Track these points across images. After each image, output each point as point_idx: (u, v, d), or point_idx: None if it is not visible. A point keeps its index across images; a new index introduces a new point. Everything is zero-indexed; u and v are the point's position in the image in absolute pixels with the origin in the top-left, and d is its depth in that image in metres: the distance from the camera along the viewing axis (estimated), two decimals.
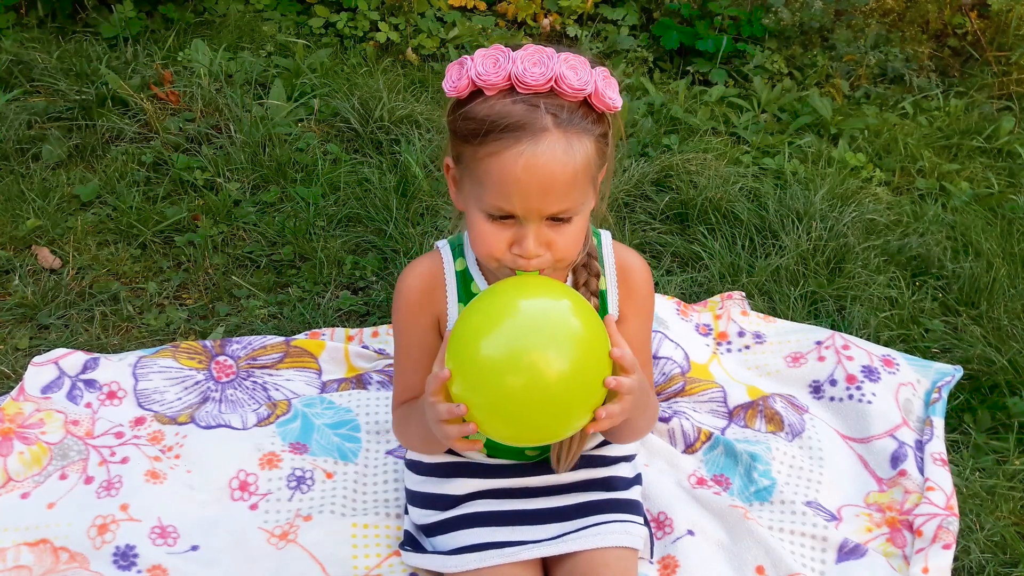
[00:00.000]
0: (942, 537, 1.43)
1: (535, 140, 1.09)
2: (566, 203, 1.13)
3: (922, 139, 2.81)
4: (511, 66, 1.10)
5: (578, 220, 1.17)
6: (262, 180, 2.36)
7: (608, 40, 3.24)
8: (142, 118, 2.54)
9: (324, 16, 3.16)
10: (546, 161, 1.10)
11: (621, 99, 1.16)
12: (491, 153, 1.11)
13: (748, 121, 2.87)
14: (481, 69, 1.11)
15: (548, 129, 1.10)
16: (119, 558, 1.35)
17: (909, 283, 2.13)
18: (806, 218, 2.27)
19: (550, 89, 1.11)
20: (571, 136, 1.11)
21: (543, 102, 1.10)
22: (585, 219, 1.20)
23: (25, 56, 2.73)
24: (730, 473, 1.57)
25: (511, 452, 1.37)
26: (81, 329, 1.87)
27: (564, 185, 1.11)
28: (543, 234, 1.14)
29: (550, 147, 1.10)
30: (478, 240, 1.17)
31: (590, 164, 1.14)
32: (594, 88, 1.12)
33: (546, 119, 1.10)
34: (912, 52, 3.25)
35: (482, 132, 1.11)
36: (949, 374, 1.80)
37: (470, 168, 1.15)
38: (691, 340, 1.85)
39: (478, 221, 1.16)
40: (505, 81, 1.11)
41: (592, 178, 1.17)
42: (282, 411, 1.62)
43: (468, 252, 1.30)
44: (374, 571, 1.35)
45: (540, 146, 1.10)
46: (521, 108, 1.10)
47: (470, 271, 1.29)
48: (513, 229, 1.15)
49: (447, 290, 1.29)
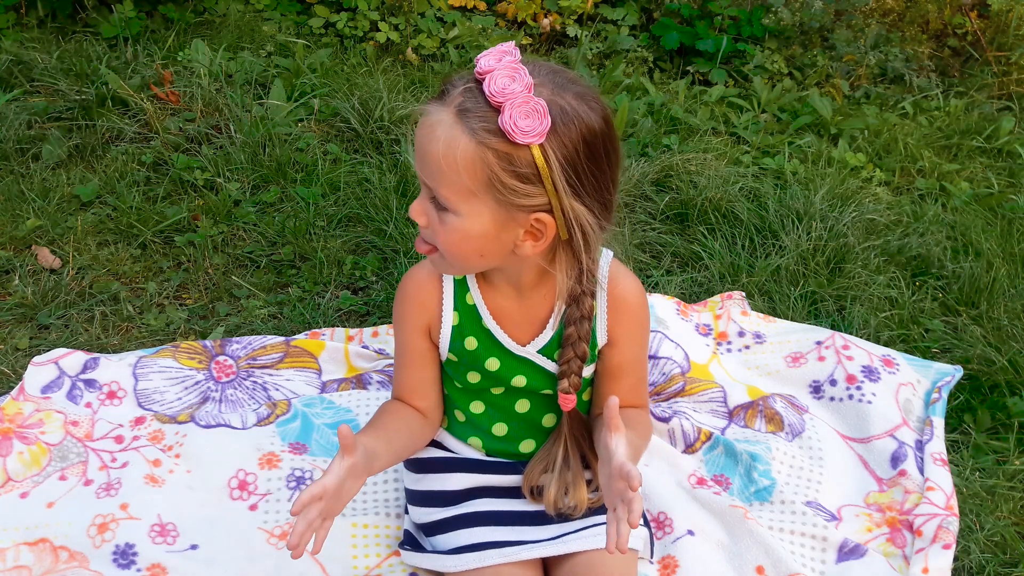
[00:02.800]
0: (942, 537, 1.43)
1: (438, 106, 1.12)
2: (433, 182, 1.13)
3: (922, 139, 2.81)
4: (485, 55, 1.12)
5: (455, 221, 1.13)
6: (262, 180, 2.36)
7: (608, 40, 3.24)
8: (142, 118, 2.54)
9: (324, 16, 3.16)
10: (429, 126, 1.11)
11: (536, 138, 1.08)
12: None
13: (748, 121, 2.87)
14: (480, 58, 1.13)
15: (451, 105, 1.10)
16: (119, 557, 1.35)
17: (909, 283, 2.13)
18: (806, 218, 2.27)
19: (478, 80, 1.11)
20: (460, 123, 1.09)
21: (472, 86, 1.11)
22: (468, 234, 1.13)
23: (25, 56, 2.73)
24: (730, 473, 1.57)
25: (507, 450, 1.37)
26: (81, 329, 1.87)
27: (430, 161, 1.11)
28: (427, 207, 1.15)
29: (436, 119, 1.11)
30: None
31: (459, 168, 1.09)
32: (507, 110, 1.07)
33: (459, 97, 1.11)
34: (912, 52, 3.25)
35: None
36: (949, 374, 1.80)
37: None
38: (691, 340, 1.85)
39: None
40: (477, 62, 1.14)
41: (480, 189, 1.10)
42: (282, 411, 1.62)
43: None
44: (374, 571, 1.35)
45: (434, 112, 1.12)
46: (459, 81, 1.12)
47: (467, 280, 1.29)
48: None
49: (443, 297, 1.29)
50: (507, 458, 1.38)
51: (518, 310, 1.29)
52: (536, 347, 1.29)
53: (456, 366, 1.32)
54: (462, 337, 1.30)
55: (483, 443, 1.38)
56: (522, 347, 1.29)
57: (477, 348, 1.29)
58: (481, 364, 1.30)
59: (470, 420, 1.37)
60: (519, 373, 1.30)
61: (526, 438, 1.36)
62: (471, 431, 1.38)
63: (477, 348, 1.29)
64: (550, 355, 1.29)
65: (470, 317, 1.29)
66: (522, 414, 1.34)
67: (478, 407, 1.35)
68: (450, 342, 1.30)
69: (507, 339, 1.29)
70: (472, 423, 1.37)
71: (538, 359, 1.29)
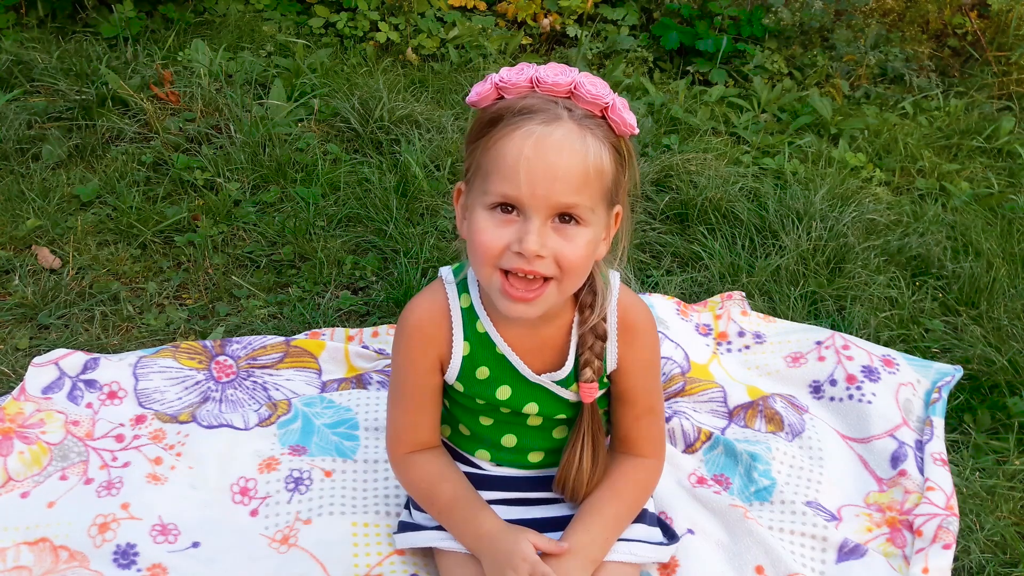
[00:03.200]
0: (942, 537, 1.43)
1: (548, 122, 1.08)
2: (575, 196, 1.08)
3: (922, 139, 2.82)
4: (532, 72, 1.11)
5: (587, 233, 1.11)
6: (262, 180, 2.36)
7: (608, 40, 3.24)
8: (142, 118, 2.54)
9: (324, 16, 3.17)
10: (556, 142, 1.07)
11: (637, 128, 1.14)
12: (502, 136, 1.08)
13: (748, 121, 2.87)
14: (505, 75, 1.12)
15: (562, 118, 1.09)
16: (119, 557, 1.34)
17: (909, 283, 2.13)
18: (806, 218, 2.27)
19: (569, 94, 1.10)
20: (585, 131, 1.09)
21: (560, 100, 1.10)
22: (594, 243, 1.13)
23: (25, 56, 2.73)
24: (730, 473, 1.57)
25: (516, 461, 1.36)
26: (81, 329, 1.87)
27: (574, 175, 1.07)
28: (547, 234, 1.09)
29: (563, 132, 1.08)
30: (478, 241, 1.11)
31: (603, 171, 1.10)
32: (612, 102, 1.11)
33: (561, 110, 1.09)
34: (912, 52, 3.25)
35: (497, 120, 1.10)
36: (949, 374, 1.80)
37: (480, 165, 1.12)
38: (691, 340, 1.85)
39: (479, 220, 1.11)
40: (527, 83, 1.11)
41: (605, 194, 1.12)
42: (283, 411, 1.62)
43: (473, 288, 1.26)
44: (375, 569, 1.35)
45: (552, 127, 1.08)
46: (538, 99, 1.10)
47: (475, 308, 1.26)
48: (515, 226, 1.09)
49: (452, 329, 1.25)
50: (515, 467, 1.37)
51: (533, 339, 1.26)
52: (552, 379, 1.27)
53: (462, 394, 1.30)
54: (473, 367, 1.26)
55: (491, 456, 1.36)
56: (537, 375, 1.26)
57: (488, 377, 1.27)
58: (492, 393, 1.27)
59: (476, 434, 1.35)
60: (531, 400, 1.28)
61: (535, 449, 1.35)
62: (478, 444, 1.36)
63: (488, 377, 1.27)
64: (566, 386, 1.27)
65: (482, 345, 1.26)
66: (533, 427, 1.33)
67: (486, 420, 1.33)
68: (459, 371, 1.27)
69: (523, 366, 1.25)
70: (479, 437, 1.35)
71: (553, 387, 1.27)
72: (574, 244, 1.10)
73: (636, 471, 1.32)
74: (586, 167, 1.08)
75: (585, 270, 1.15)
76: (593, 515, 1.26)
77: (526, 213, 1.09)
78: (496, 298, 1.15)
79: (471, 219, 1.14)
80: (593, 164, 1.09)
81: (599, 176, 1.10)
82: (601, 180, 1.11)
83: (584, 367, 1.24)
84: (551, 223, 1.10)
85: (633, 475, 1.32)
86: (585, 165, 1.08)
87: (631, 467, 1.32)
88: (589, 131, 1.09)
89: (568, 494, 1.32)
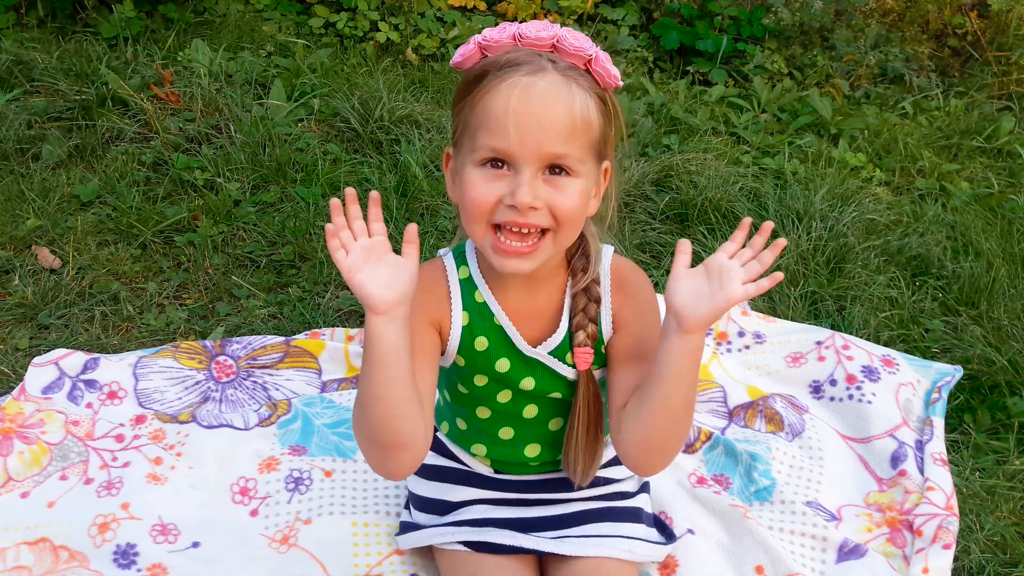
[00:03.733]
0: (942, 537, 1.43)
1: (533, 72, 1.08)
2: (564, 146, 1.08)
3: (922, 139, 2.82)
4: (515, 29, 1.12)
5: (578, 184, 1.11)
6: (262, 180, 2.36)
7: (608, 40, 3.24)
8: (142, 118, 2.54)
9: (324, 16, 3.17)
10: (543, 92, 1.07)
11: (620, 81, 1.14)
12: (488, 90, 1.08)
13: (748, 121, 2.87)
14: (487, 34, 1.12)
15: (547, 69, 1.09)
16: (119, 556, 1.34)
17: (909, 283, 2.13)
18: (806, 218, 2.27)
19: (552, 47, 1.11)
20: (571, 81, 1.09)
21: (545, 53, 1.11)
22: (586, 194, 1.13)
23: (25, 56, 2.73)
24: (730, 473, 1.57)
25: (516, 467, 1.36)
26: (81, 329, 1.87)
27: (562, 124, 1.07)
28: (539, 186, 1.09)
29: (548, 82, 1.08)
30: (469, 198, 1.10)
31: (590, 122, 1.10)
32: (595, 55, 1.11)
33: (546, 62, 1.09)
34: (912, 52, 3.25)
35: (482, 76, 1.10)
36: (949, 374, 1.80)
37: (467, 123, 1.11)
38: None
39: (470, 176, 1.10)
40: (510, 39, 1.11)
41: (594, 145, 1.12)
42: (283, 411, 1.62)
43: (471, 259, 1.27)
44: (375, 569, 1.35)
45: (537, 77, 1.08)
46: (522, 53, 1.10)
47: (474, 279, 1.26)
48: (507, 180, 1.09)
49: (451, 297, 1.25)
50: (512, 461, 1.37)
51: (529, 306, 1.25)
52: (547, 348, 1.27)
53: (462, 370, 1.29)
54: (472, 337, 1.26)
55: (487, 450, 1.36)
56: (532, 348, 1.26)
57: (488, 348, 1.26)
58: (491, 365, 1.27)
59: (474, 426, 1.35)
60: (528, 375, 1.28)
61: (532, 442, 1.35)
62: (475, 438, 1.36)
63: (488, 348, 1.26)
64: (561, 357, 1.27)
65: (481, 315, 1.26)
66: (529, 419, 1.32)
67: (484, 412, 1.33)
68: (459, 343, 1.26)
69: (519, 338, 1.26)
70: (476, 429, 1.35)
71: (548, 360, 1.27)
72: (566, 194, 1.10)
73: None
74: (573, 116, 1.08)
75: (579, 221, 1.15)
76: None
77: (516, 166, 1.08)
78: (490, 256, 1.14)
79: (461, 178, 1.13)
80: (580, 114, 1.09)
81: (586, 127, 1.10)
82: (588, 131, 1.11)
83: (577, 330, 1.23)
84: (542, 175, 1.10)
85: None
86: (572, 114, 1.08)
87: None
88: (574, 81, 1.09)
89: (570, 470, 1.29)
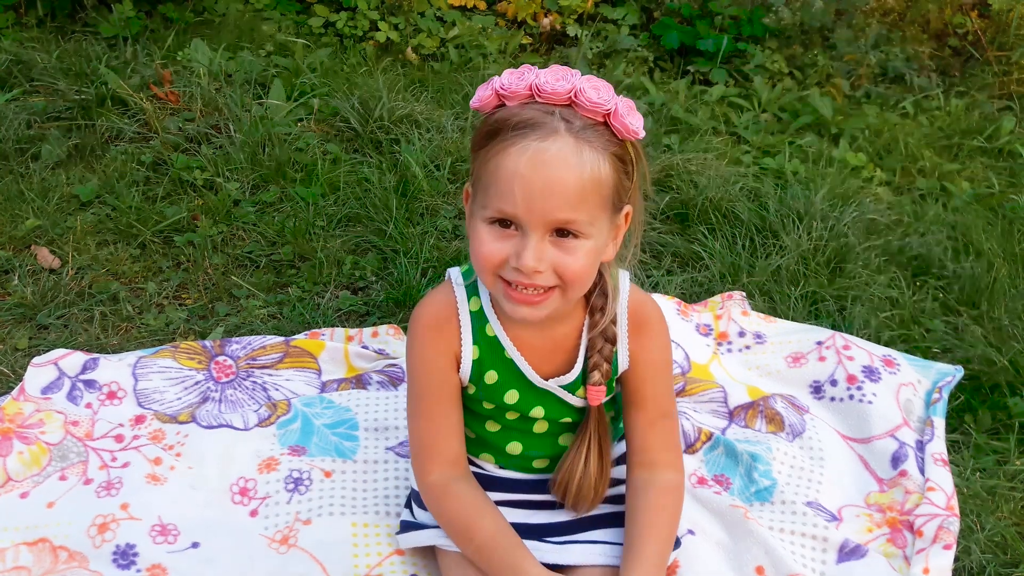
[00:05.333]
0: (943, 537, 1.43)
1: (543, 138, 1.07)
2: (572, 212, 1.07)
3: (923, 139, 2.81)
4: (533, 78, 1.10)
5: (587, 245, 1.10)
6: (262, 180, 2.35)
7: (608, 40, 3.24)
8: (141, 118, 2.54)
9: (324, 15, 3.16)
10: (551, 158, 1.06)
11: (643, 131, 1.12)
12: (499, 151, 1.08)
13: (748, 121, 2.87)
14: (505, 81, 1.11)
15: (559, 132, 1.07)
16: (119, 557, 1.34)
17: (910, 283, 2.13)
18: (807, 218, 2.27)
19: (569, 102, 1.09)
20: (582, 144, 1.08)
21: (559, 110, 1.09)
22: (596, 252, 1.13)
23: (24, 56, 2.73)
24: (731, 473, 1.57)
25: (519, 465, 1.36)
26: (80, 329, 1.86)
27: (570, 191, 1.06)
28: (545, 249, 1.09)
29: (558, 148, 1.07)
30: (477, 253, 1.12)
31: (602, 183, 1.09)
32: (614, 108, 1.09)
33: (558, 123, 1.08)
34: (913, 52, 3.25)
35: (495, 133, 1.09)
36: (950, 374, 1.80)
37: (480, 178, 1.11)
38: (691, 340, 1.85)
39: (479, 232, 1.11)
40: (527, 91, 1.10)
41: (606, 203, 1.11)
42: (283, 411, 1.62)
43: (483, 291, 1.26)
44: (375, 570, 1.35)
45: (548, 143, 1.07)
46: (536, 112, 1.09)
47: (485, 312, 1.25)
48: (514, 240, 1.09)
49: (461, 331, 1.24)
50: (519, 472, 1.36)
51: (543, 341, 1.25)
52: (559, 383, 1.26)
53: (472, 396, 1.29)
54: (482, 371, 1.25)
55: (495, 460, 1.36)
56: (544, 380, 1.25)
57: (497, 382, 1.26)
58: (500, 397, 1.27)
59: (482, 438, 1.34)
60: (537, 405, 1.27)
61: (541, 456, 1.34)
62: (483, 448, 1.36)
63: (497, 382, 1.26)
64: (572, 390, 1.26)
65: (491, 349, 1.25)
66: (538, 434, 1.32)
67: (492, 426, 1.33)
68: (470, 375, 1.26)
69: (531, 371, 1.25)
70: (484, 441, 1.34)
71: (559, 392, 1.26)
72: (574, 257, 1.10)
73: (663, 497, 1.27)
74: (582, 182, 1.07)
75: (588, 278, 1.15)
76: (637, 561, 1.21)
77: (523, 229, 1.09)
78: (501, 301, 1.16)
79: (472, 229, 1.14)
80: (590, 178, 1.08)
81: (596, 188, 1.09)
82: (599, 192, 1.10)
83: (592, 370, 1.24)
84: (549, 237, 1.09)
85: (661, 502, 1.27)
86: (581, 180, 1.07)
87: (656, 494, 1.27)
88: (587, 143, 1.08)
89: (569, 499, 1.29)
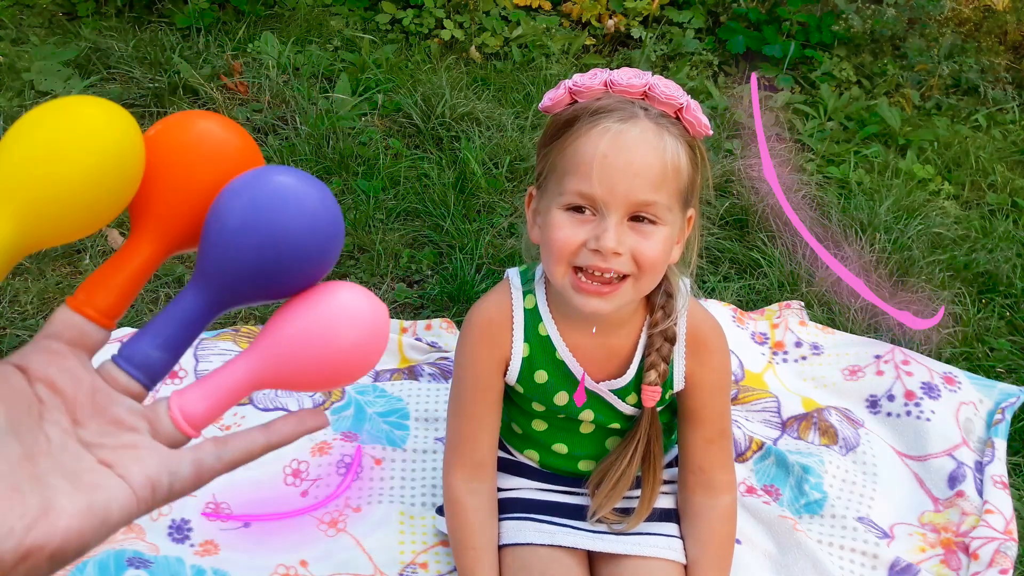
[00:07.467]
0: (999, 562, 1.39)
1: (624, 120, 1.06)
2: (653, 194, 1.06)
3: (995, 153, 2.73)
4: (607, 75, 1.11)
5: (664, 231, 1.09)
6: (325, 172, 2.40)
7: (673, 43, 3.21)
8: (211, 107, 2.61)
9: (391, 13, 3.20)
10: (634, 139, 1.05)
11: (710, 129, 1.12)
12: (578, 136, 1.07)
13: (814, 128, 2.82)
14: (578, 80, 1.12)
15: (639, 116, 1.07)
16: (174, 531, 1.38)
17: (975, 300, 2.07)
18: (870, 229, 2.22)
19: (643, 95, 1.10)
20: (663, 129, 1.08)
21: (636, 100, 1.10)
22: (671, 241, 1.12)
23: (103, 44, 2.83)
24: (780, 484, 1.55)
25: (565, 467, 1.36)
26: (146, 309, 1.92)
27: (653, 171, 1.05)
28: (625, 233, 1.07)
29: (640, 130, 1.06)
30: (552, 239, 1.09)
31: (680, 170, 1.08)
32: (687, 103, 1.10)
33: (638, 110, 1.08)
34: (988, 63, 3.15)
35: (572, 121, 1.09)
36: (1014, 395, 1.74)
37: (555, 166, 1.11)
38: (746, 348, 1.83)
39: (555, 218, 1.09)
40: (601, 85, 1.10)
41: (680, 194, 1.10)
42: (337, 398, 1.65)
43: (539, 291, 1.25)
44: (419, 557, 1.36)
45: (628, 124, 1.06)
46: (613, 100, 1.09)
47: (539, 310, 1.24)
48: (592, 224, 1.07)
49: (513, 329, 1.24)
50: (564, 474, 1.36)
51: (596, 347, 1.24)
52: (610, 386, 1.25)
53: (521, 395, 1.29)
54: (532, 370, 1.25)
55: (540, 457, 1.36)
56: (595, 383, 1.25)
57: (547, 382, 1.25)
58: (549, 398, 1.26)
59: (528, 434, 1.34)
60: (587, 408, 1.27)
61: (586, 458, 1.34)
62: (529, 445, 1.36)
63: (547, 382, 1.25)
64: (623, 396, 1.26)
65: (542, 349, 1.24)
66: (586, 435, 1.32)
67: (540, 425, 1.33)
68: (519, 373, 1.25)
69: (581, 372, 1.24)
70: (530, 438, 1.35)
71: (608, 396, 1.26)
72: (651, 241, 1.08)
73: (725, 524, 1.28)
74: (664, 164, 1.06)
75: (661, 268, 1.13)
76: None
77: (603, 211, 1.07)
78: (569, 295, 1.12)
79: (546, 219, 1.12)
80: (671, 161, 1.07)
81: (676, 174, 1.08)
82: (678, 179, 1.09)
83: (649, 369, 1.22)
84: (627, 222, 1.08)
85: (725, 530, 1.28)
86: (663, 162, 1.06)
87: (719, 521, 1.27)
88: (666, 129, 1.08)
89: (599, 497, 1.27)
